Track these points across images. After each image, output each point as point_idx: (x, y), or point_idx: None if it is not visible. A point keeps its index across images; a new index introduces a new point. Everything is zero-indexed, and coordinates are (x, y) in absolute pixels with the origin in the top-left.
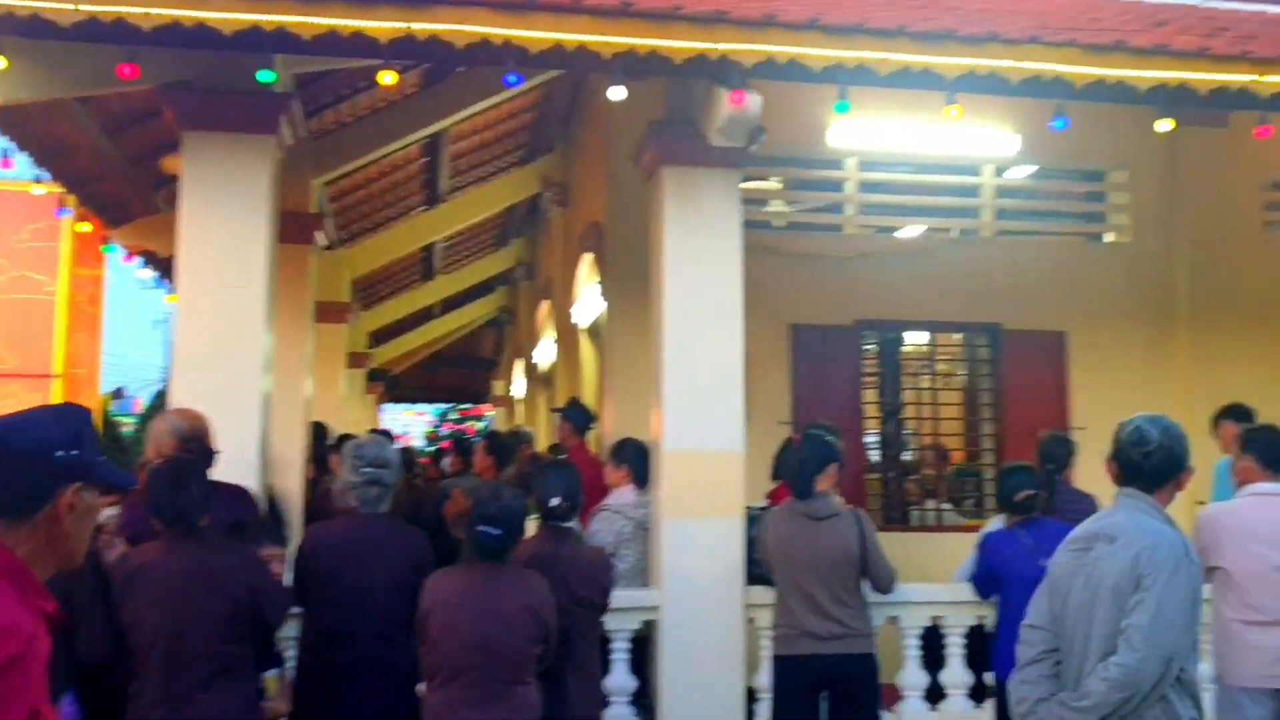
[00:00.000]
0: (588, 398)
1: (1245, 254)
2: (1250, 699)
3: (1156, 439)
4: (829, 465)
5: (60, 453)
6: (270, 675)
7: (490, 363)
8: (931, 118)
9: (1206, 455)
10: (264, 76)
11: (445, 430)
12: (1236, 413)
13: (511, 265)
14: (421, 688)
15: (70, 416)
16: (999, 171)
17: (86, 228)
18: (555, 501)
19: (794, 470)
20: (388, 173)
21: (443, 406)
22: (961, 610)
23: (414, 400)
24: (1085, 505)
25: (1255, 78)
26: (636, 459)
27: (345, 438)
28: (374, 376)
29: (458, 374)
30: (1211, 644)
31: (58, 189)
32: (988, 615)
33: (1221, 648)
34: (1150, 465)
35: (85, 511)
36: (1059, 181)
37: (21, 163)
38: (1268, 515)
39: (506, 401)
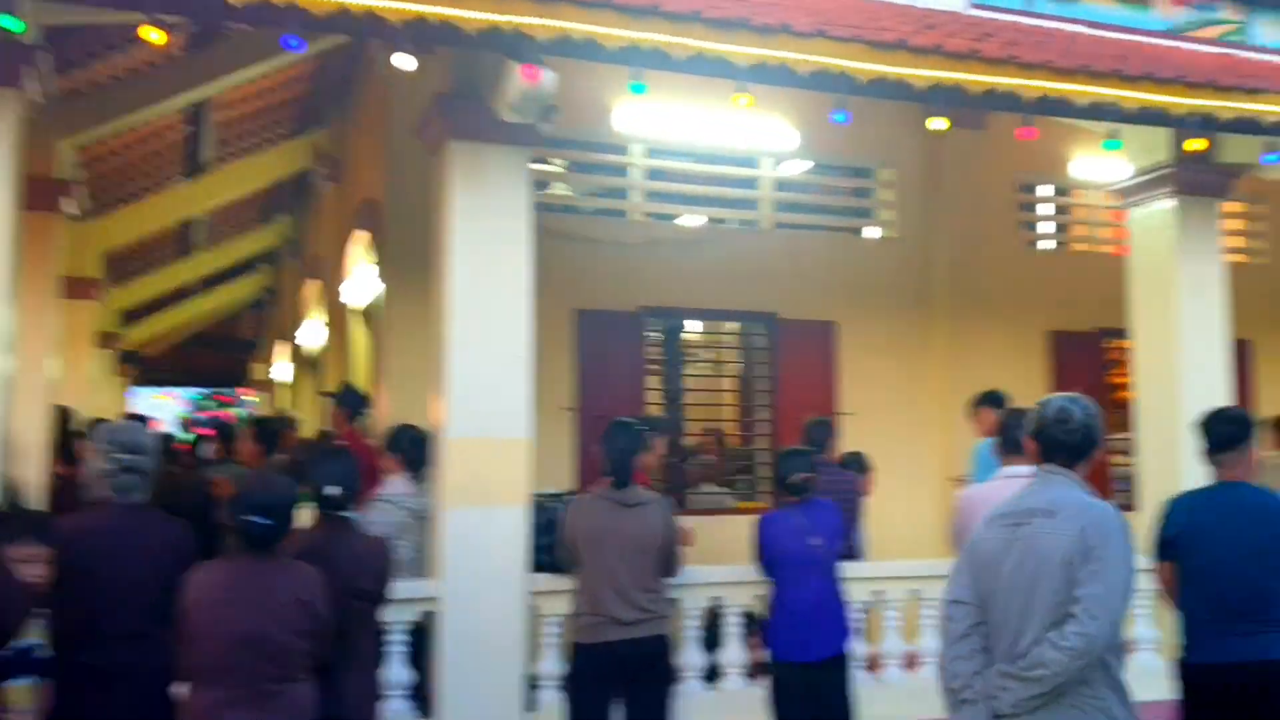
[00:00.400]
0: (359, 382)
1: (998, 251)
2: None
3: (1079, 417)
4: (644, 454)
5: None
6: (18, 684)
7: (252, 345)
8: (717, 106)
9: (964, 440)
10: (7, 23)
11: (202, 416)
12: (992, 399)
13: (277, 243)
14: (181, 690)
15: None
16: (777, 165)
17: None
18: (332, 490)
19: (613, 459)
20: (146, 140)
21: (200, 390)
22: (739, 591)
23: (169, 384)
24: (846, 481)
25: (1022, 81)
26: (411, 447)
27: (97, 423)
28: (126, 358)
29: (217, 356)
30: None
31: None
32: (766, 596)
33: None
34: (1073, 441)
35: None
36: (833, 177)
37: None
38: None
39: (269, 385)
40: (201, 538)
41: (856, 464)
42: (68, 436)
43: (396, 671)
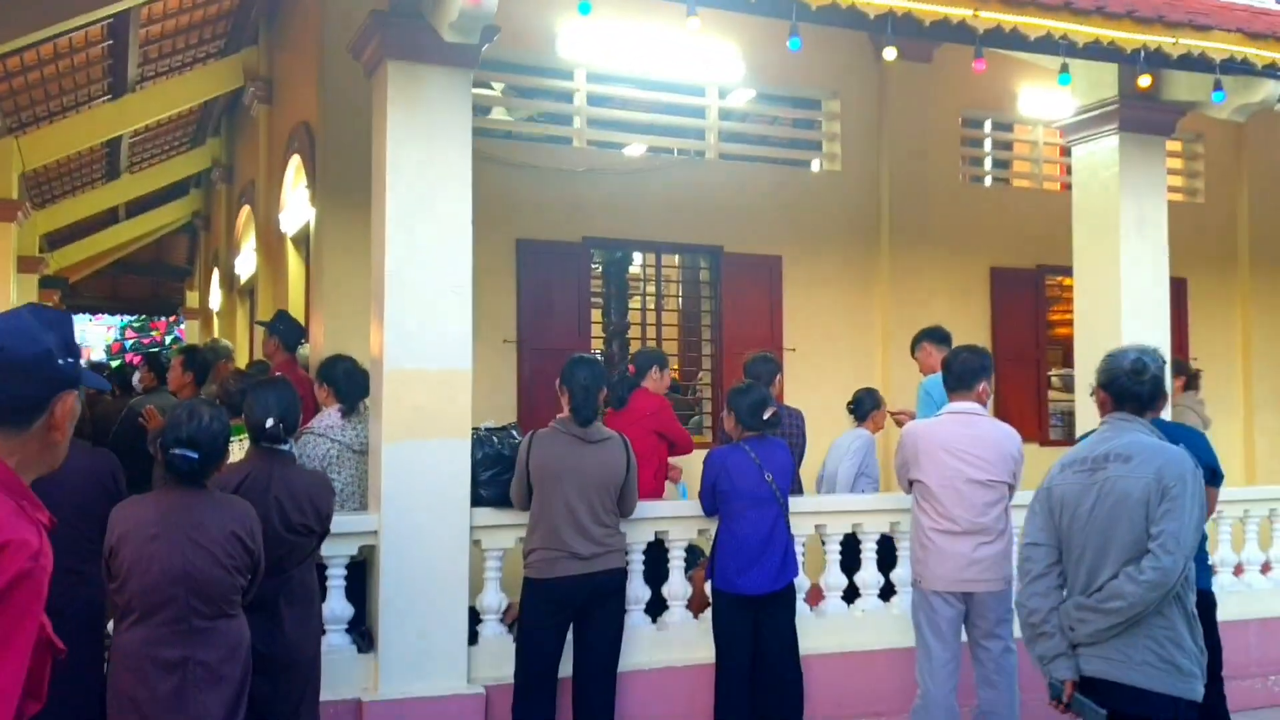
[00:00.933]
0: (294, 311)
1: (943, 186)
2: (943, 601)
3: (1152, 370)
4: (602, 389)
5: (60, 360)
6: None
7: (183, 271)
8: (664, 30)
9: (907, 375)
10: None
11: (130, 342)
12: (934, 335)
13: (207, 166)
14: (110, 628)
15: (58, 321)
16: (723, 95)
17: None
18: (270, 422)
19: (576, 393)
20: (65, 54)
21: (129, 318)
22: (682, 525)
23: (97, 310)
24: (795, 420)
25: (972, 12)
26: (345, 378)
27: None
28: (49, 283)
29: (147, 282)
30: (910, 551)
31: None
32: (708, 530)
33: (918, 554)
34: (1144, 391)
35: (74, 418)
36: (779, 108)
37: None
38: (961, 432)
39: (202, 313)
40: (132, 469)
41: (870, 400)
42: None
43: (336, 606)
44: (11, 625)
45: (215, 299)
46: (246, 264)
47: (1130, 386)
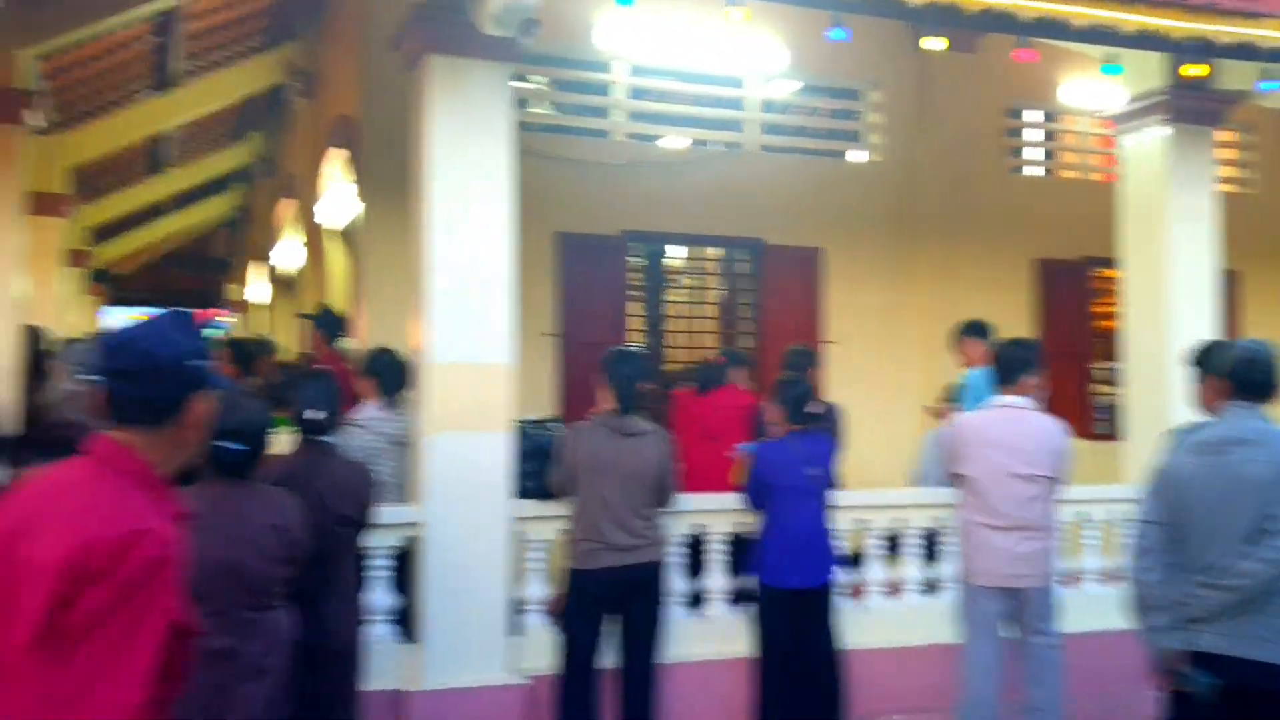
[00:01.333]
0: (337, 303)
1: (986, 177)
2: (988, 596)
3: (1272, 361)
4: (643, 382)
5: (192, 362)
6: None
7: (226, 264)
8: (704, 22)
9: (947, 369)
10: None
11: None
12: (977, 329)
13: (250, 160)
14: None
15: (190, 325)
16: (764, 86)
17: None
18: (314, 414)
19: (618, 386)
20: (113, 50)
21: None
22: (721, 518)
23: (141, 303)
24: (835, 414)
25: (1018, 1)
26: (387, 371)
27: (68, 343)
28: (97, 276)
29: (190, 276)
30: (958, 546)
31: None
32: (749, 524)
33: (965, 549)
34: (1268, 382)
35: (209, 417)
36: (820, 99)
37: None
38: (1006, 426)
39: (244, 306)
40: None
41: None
42: (39, 357)
43: (380, 597)
44: (145, 609)
45: (256, 292)
46: (287, 257)
47: (1252, 375)
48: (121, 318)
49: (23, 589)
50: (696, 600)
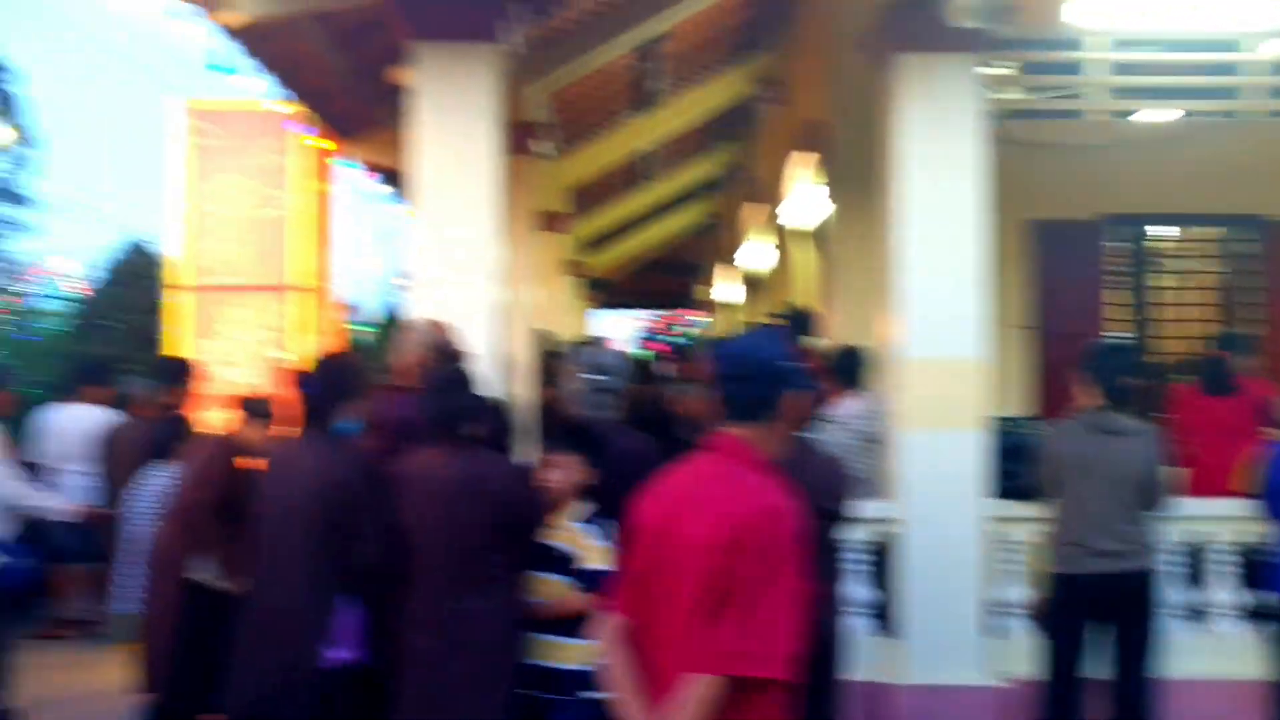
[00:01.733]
0: (805, 302)
1: None
2: None
3: None
4: (1131, 376)
5: (785, 364)
6: (558, 580)
7: (697, 268)
8: None
9: None
10: None
11: (646, 334)
12: None
13: (719, 170)
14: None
15: (778, 336)
16: (1266, 46)
17: (319, 143)
18: None
19: (1103, 382)
20: (604, 78)
21: (651, 312)
22: (1223, 526)
23: (624, 306)
24: None
25: None
26: (854, 368)
27: (573, 346)
28: (589, 284)
29: (667, 280)
30: None
31: (293, 106)
32: (1264, 533)
33: None
34: None
35: (799, 412)
36: None
37: (257, 81)
38: None
39: (713, 307)
40: (664, 453)
41: None
42: (548, 358)
43: (858, 589)
44: (787, 574)
45: (725, 293)
46: (755, 259)
47: None
48: (610, 321)
49: (685, 564)
50: (1199, 614)
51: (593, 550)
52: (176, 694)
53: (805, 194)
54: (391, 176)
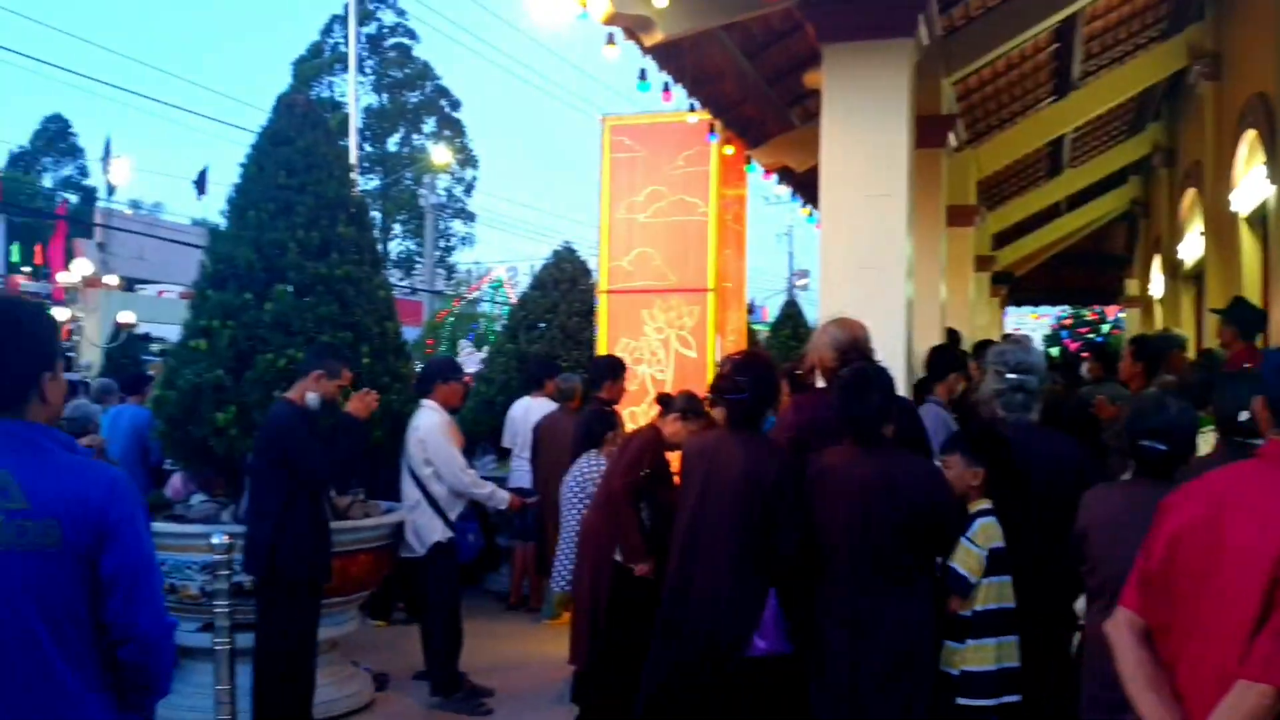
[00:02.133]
0: (1250, 296)
1: None
2: None
3: None
4: None
5: None
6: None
7: (1121, 260)
8: None
9: None
10: None
11: (1064, 331)
12: None
13: (1147, 152)
14: (1079, 606)
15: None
16: None
17: (730, 150)
18: (1244, 415)
19: None
20: (1015, 65)
21: (1065, 308)
22: None
23: (1035, 302)
24: None
25: None
26: None
27: (984, 344)
28: (997, 279)
29: (1082, 273)
30: None
31: (707, 115)
32: None
33: None
34: None
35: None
36: None
37: (676, 94)
38: None
39: (1142, 301)
40: (1087, 457)
41: None
42: (961, 357)
43: None
44: None
45: (1157, 286)
46: (1191, 249)
47: None
48: (1022, 318)
49: (1233, 570)
50: None
51: (967, 555)
52: (601, 669)
53: (1248, 176)
54: (790, 177)
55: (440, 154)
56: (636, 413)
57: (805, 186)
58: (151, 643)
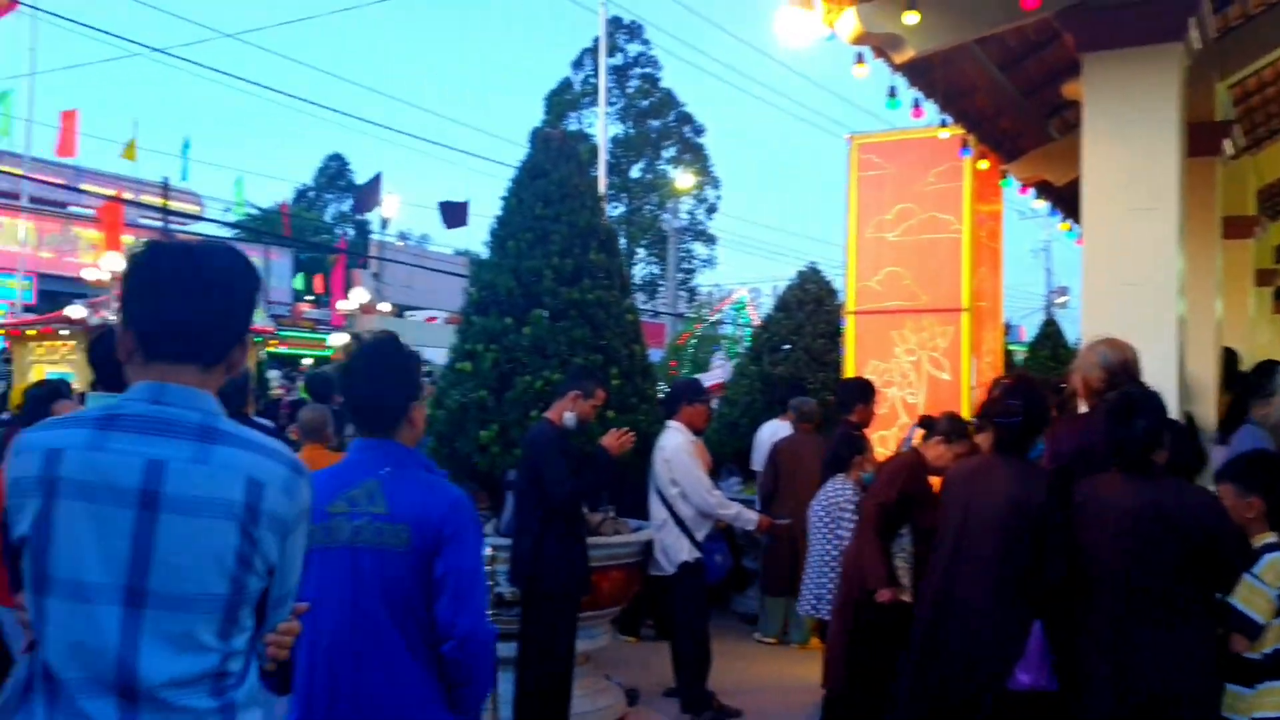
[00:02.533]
0: None
1: None
2: None
3: None
4: None
5: None
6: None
7: None
8: None
9: None
10: None
11: None
12: None
13: None
14: None
15: None
16: None
17: (984, 165)
18: None
19: None
20: None
21: None
22: None
23: None
24: None
25: None
26: None
27: (1267, 365)
28: None
29: None
30: None
31: (959, 130)
32: None
33: None
34: None
35: None
36: None
37: (927, 110)
38: None
39: None
40: None
41: None
42: (1234, 377)
43: None
44: None
45: None
46: None
47: None
48: None
49: None
50: None
51: (1253, 593)
52: (851, 692)
53: None
54: (1049, 191)
55: (683, 179)
56: (886, 436)
57: (1065, 200)
58: (471, 641)
